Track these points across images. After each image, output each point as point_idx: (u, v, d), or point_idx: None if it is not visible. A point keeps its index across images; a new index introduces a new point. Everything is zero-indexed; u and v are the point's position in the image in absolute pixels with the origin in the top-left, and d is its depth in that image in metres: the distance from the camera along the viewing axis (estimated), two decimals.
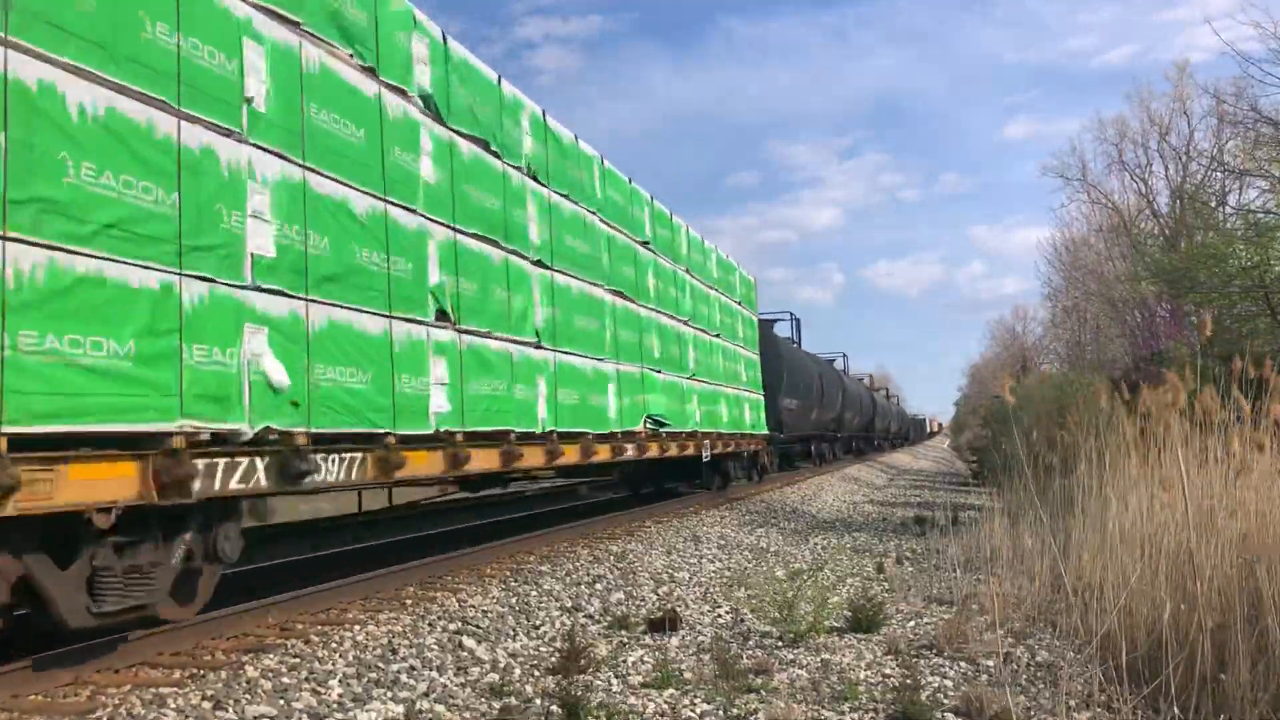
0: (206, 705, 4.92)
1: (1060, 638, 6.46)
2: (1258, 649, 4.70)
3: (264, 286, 5.82)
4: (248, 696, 5.07)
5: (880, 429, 52.35)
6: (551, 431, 9.72)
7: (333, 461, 6.45)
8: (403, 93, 7.61)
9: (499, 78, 9.35)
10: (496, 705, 5.08)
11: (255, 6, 5.98)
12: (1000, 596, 6.95)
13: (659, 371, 13.56)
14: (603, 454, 11.36)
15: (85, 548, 5.01)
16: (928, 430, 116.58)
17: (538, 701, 5.10)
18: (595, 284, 11.45)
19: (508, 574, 8.90)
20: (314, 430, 6.12)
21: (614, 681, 5.55)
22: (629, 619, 7.26)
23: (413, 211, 7.62)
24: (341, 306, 6.57)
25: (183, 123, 5.33)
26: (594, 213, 11.65)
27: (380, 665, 5.77)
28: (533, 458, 9.38)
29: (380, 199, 7.17)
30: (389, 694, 5.27)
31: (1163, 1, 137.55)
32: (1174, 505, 5.84)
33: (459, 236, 8.30)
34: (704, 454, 15.64)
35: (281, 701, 5.04)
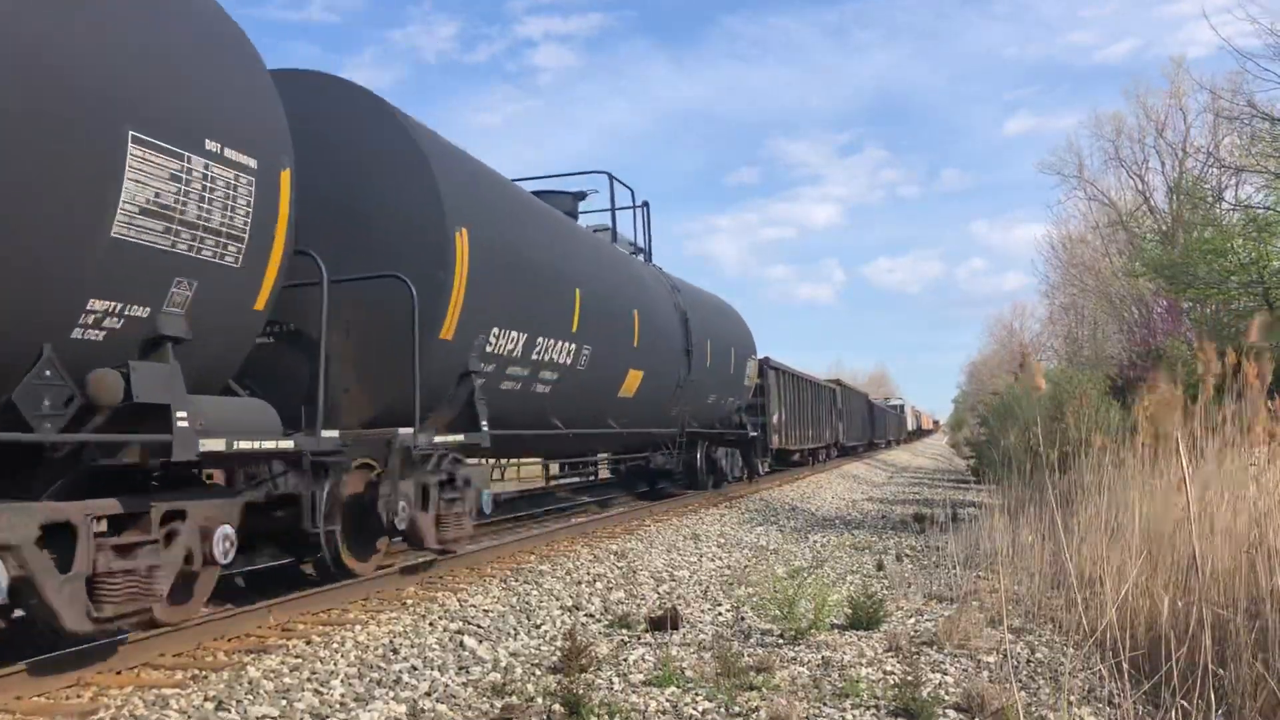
0: (209, 706, 4.92)
1: (1061, 633, 6.47)
2: (1258, 643, 4.71)
3: None
4: (250, 697, 5.08)
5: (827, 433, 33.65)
6: None
7: None
8: None
9: None
10: (498, 704, 5.08)
11: None
12: (1001, 593, 6.96)
13: None
14: None
15: None
16: (908, 426, 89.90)
17: (539, 700, 5.11)
18: None
19: (508, 573, 8.91)
20: None
21: (616, 680, 5.56)
22: (630, 617, 7.27)
23: None
24: None
25: None
26: None
27: (382, 665, 5.78)
28: None
29: None
30: (391, 694, 5.28)
31: None
32: (1174, 500, 5.86)
33: None
34: None
35: (284, 702, 5.04)
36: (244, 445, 5.72)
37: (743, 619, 7.36)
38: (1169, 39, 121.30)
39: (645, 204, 16.38)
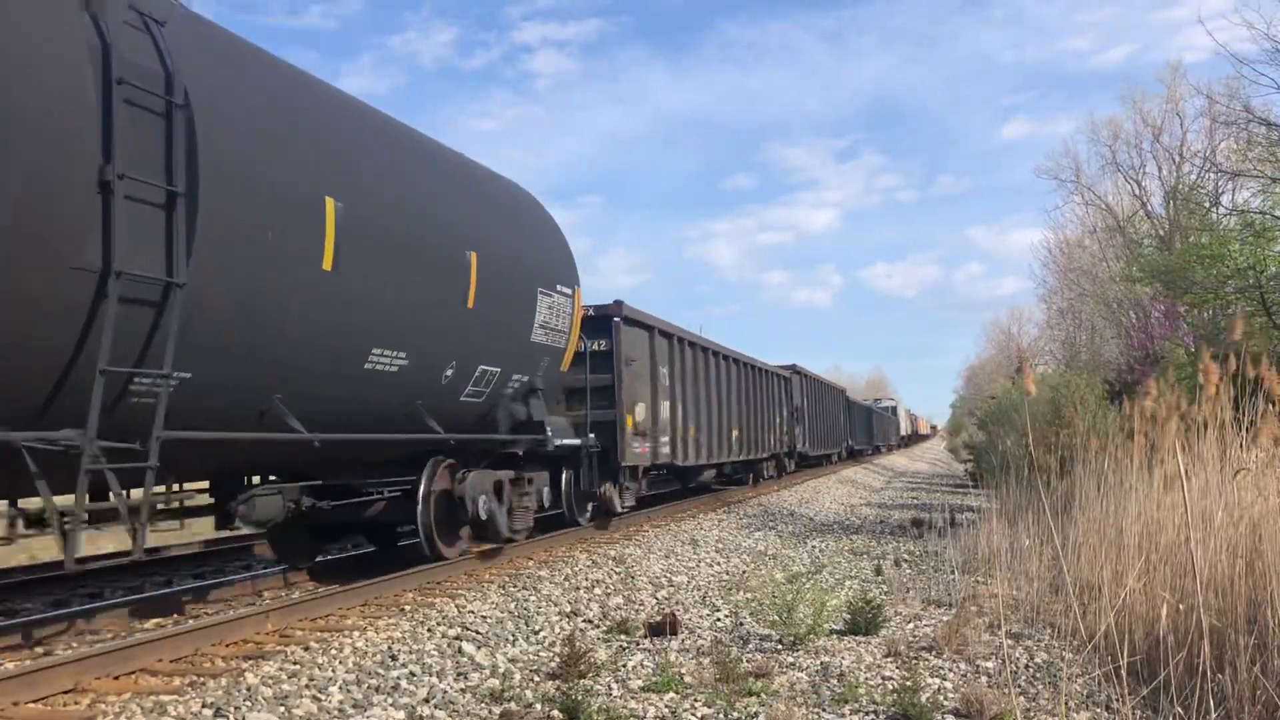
0: (207, 712, 4.91)
1: (1059, 638, 6.47)
2: (1257, 648, 4.71)
3: None
4: (248, 703, 5.07)
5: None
6: None
7: None
8: None
9: None
10: (497, 710, 5.08)
11: None
12: (999, 598, 6.96)
13: None
14: None
15: None
16: (902, 430, 77.85)
17: (538, 706, 5.11)
18: None
19: (506, 579, 8.90)
20: None
21: (614, 686, 5.55)
22: (628, 623, 7.27)
23: None
24: None
25: None
26: None
27: (380, 671, 5.77)
28: None
29: None
30: (389, 700, 5.27)
31: (1160, 1, 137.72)
32: (1173, 505, 5.86)
33: None
34: None
35: (282, 708, 5.03)
36: None
37: (741, 624, 7.36)
38: (1166, 44, 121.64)
39: None
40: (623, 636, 6.96)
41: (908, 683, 5.31)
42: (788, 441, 25.29)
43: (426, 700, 5.31)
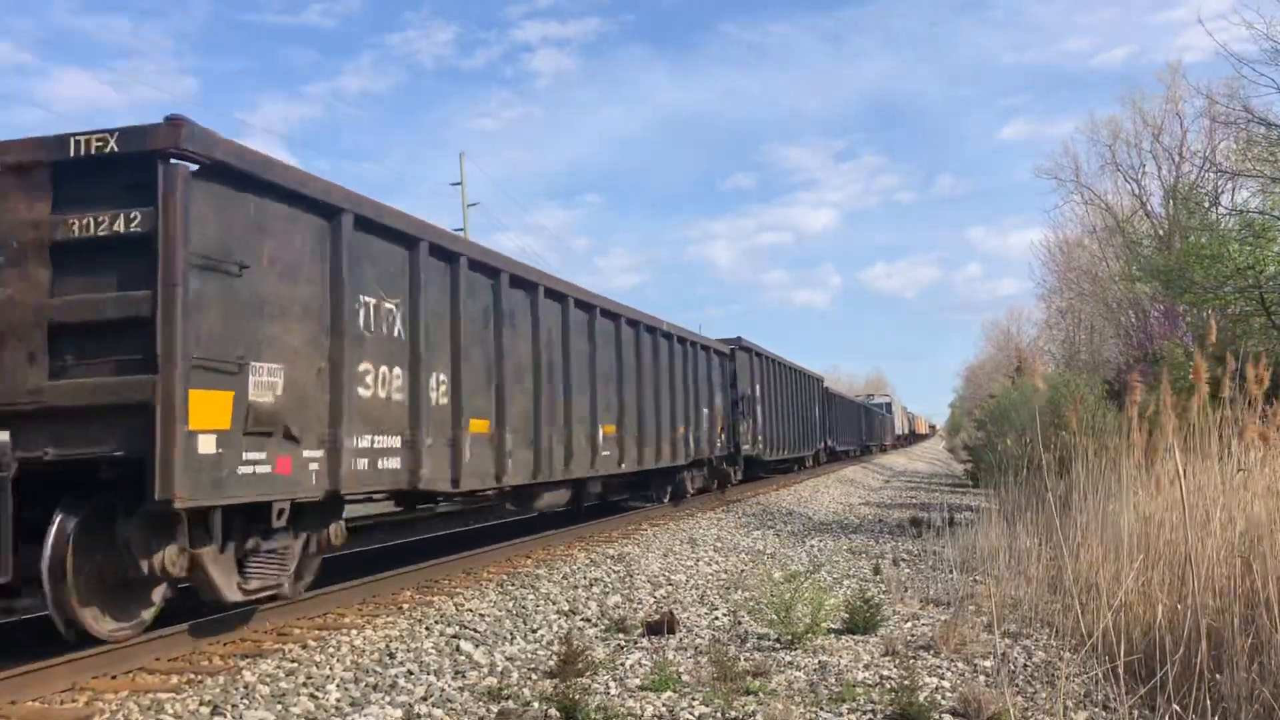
0: (204, 710, 4.92)
1: (1057, 638, 6.47)
2: (1254, 648, 4.72)
3: None
4: (245, 701, 5.07)
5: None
6: None
7: None
8: None
9: None
10: (494, 709, 5.08)
11: None
12: (994, 597, 6.96)
13: None
14: None
15: None
16: (897, 429, 73.02)
17: (536, 705, 5.10)
18: None
19: (504, 577, 8.90)
20: None
21: (612, 684, 5.55)
22: (626, 622, 7.26)
23: None
24: None
25: None
26: None
27: (378, 669, 5.77)
28: None
29: None
30: (387, 698, 5.27)
31: (1160, 2, 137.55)
32: (1170, 505, 5.87)
33: None
34: None
35: (279, 706, 5.03)
36: None
37: (739, 623, 7.36)
38: (1165, 45, 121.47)
39: None
40: (621, 635, 6.96)
41: (905, 682, 5.30)
42: (726, 442, 18.40)
43: (424, 698, 5.31)
